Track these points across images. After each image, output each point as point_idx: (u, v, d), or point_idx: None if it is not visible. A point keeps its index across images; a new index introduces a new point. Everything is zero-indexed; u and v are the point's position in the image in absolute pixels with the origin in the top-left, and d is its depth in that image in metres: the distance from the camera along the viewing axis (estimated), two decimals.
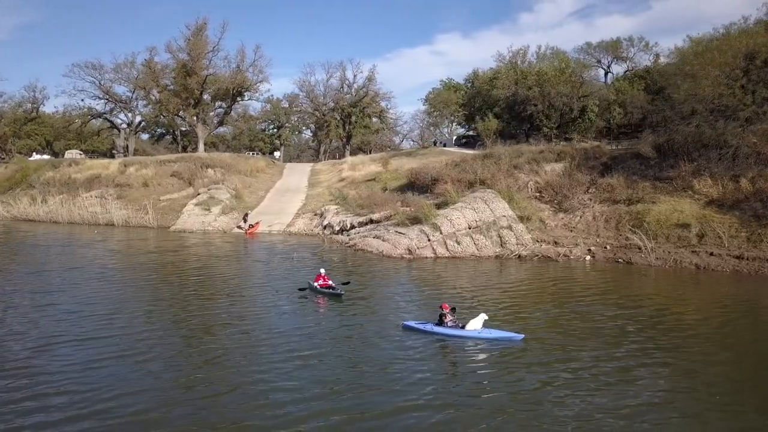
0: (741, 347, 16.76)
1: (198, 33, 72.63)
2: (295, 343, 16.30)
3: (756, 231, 29.45)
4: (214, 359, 15.07)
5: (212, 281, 26.49)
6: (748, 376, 14.51)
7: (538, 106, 56.95)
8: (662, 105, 37.97)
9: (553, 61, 61.90)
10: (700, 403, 12.61)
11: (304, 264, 30.70)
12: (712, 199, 32.48)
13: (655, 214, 32.80)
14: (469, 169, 41.07)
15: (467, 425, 11.36)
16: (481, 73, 70.31)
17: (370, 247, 35.01)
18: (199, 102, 73.63)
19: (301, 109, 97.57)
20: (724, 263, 28.58)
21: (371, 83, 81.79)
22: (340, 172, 64.37)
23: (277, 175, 67.65)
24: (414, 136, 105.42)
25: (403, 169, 53.70)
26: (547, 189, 38.61)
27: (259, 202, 54.40)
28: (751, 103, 32.18)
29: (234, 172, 61.28)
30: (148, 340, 16.54)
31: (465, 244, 33.24)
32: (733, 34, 35.89)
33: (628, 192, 35.60)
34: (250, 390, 13.01)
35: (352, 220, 41.81)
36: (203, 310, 20.36)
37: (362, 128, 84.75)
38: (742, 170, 32.77)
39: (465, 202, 35.63)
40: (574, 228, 35.34)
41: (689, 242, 30.71)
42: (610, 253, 31.96)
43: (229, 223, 47.76)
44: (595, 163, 39.49)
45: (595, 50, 66.09)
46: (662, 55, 62.31)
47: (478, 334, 16.65)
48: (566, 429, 11.21)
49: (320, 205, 50.31)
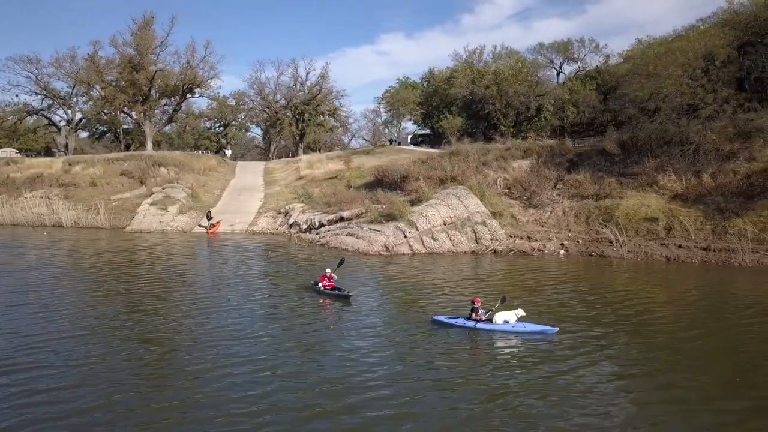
0: (706, 328, 17.73)
1: (145, 27, 69.88)
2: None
3: (720, 223, 30.74)
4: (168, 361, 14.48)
5: (184, 281, 25.54)
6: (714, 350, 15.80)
7: (495, 105, 57.85)
8: (626, 103, 39.16)
9: (508, 61, 63.03)
10: (662, 377, 13.65)
11: (282, 262, 30.04)
12: (676, 194, 33.73)
13: (623, 209, 33.77)
14: (438, 167, 41.16)
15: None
16: (437, 72, 70.80)
17: (345, 245, 34.50)
18: (147, 98, 70.84)
19: (251, 106, 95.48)
20: (692, 255, 29.69)
21: (324, 81, 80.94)
22: (296, 171, 63.52)
23: (230, 173, 66.20)
24: (365, 135, 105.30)
25: (365, 167, 53.45)
26: (516, 185, 39.17)
27: (217, 200, 52.90)
28: (712, 102, 33.66)
29: (188, 171, 59.40)
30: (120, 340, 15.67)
31: (441, 240, 33.25)
32: (692, 35, 37.46)
33: (595, 188, 36.54)
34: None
35: (321, 218, 41.11)
36: (154, 314, 19.54)
37: (316, 126, 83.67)
38: (703, 166, 34.18)
39: (438, 199, 35.66)
40: (545, 223, 35.97)
41: (658, 235, 31.77)
42: (582, 247, 32.66)
43: (188, 222, 46.15)
44: (561, 159, 40.34)
45: (548, 51, 67.75)
46: (612, 56, 64.58)
47: (512, 327, 16.59)
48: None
49: (282, 203, 49.36)
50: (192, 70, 72.29)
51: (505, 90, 57.16)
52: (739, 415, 11.71)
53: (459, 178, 38.90)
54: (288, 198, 51.11)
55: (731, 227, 30.11)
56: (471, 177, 38.84)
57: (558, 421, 11.36)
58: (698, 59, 34.64)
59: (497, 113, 58.16)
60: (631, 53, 50.71)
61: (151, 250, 35.38)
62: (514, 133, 57.15)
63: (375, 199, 39.83)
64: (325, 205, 43.94)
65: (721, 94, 33.68)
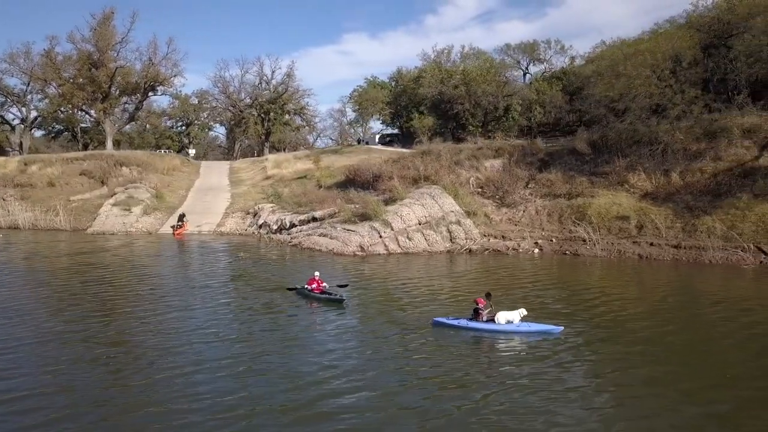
0: (680, 324, 17.84)
1: (105, 23, 67.72)
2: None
3: (690, 222, 31.31)
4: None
5: (151, 284, 24.73)
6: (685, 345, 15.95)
7: (464, 105, 58.00)
8: (593, 104, 39.70)
9: (476, 61, 63.35)
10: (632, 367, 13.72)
11: (257, 263, 29.36)
12: (646, 193, 34.26)
13: (596, 208, 34.11)
14: (411, 166, 40.95)
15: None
16: (405, 72, 70.71)
17: (318, 246, 33.93)
18: (108, 96, 68.66)
19: (214, 105, 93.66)
20: (664, 252, 30.15)
21: (291, 79, 79.99)
22: (263, 170, 62.62)
23: (194, 173, 64.89)
24: (330, 135, 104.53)
25: (335, 167, 52.95)
26: (489, 185, 39.22)
27: (182, 201, 51.59)
28: (680, 102, 34.34)
29: (151, 171, 57.88)
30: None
31: (416, 240, 33.00)
32: (660, 37, 38.18)
33: (567, 187, 36.85)
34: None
35: (292, 219, 40.39)
36: (122, 314, 19.02)
37: (282, 125, 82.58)
38: (671, 165, 34.80)
39: (413, 199, 35.42)
40: (518, 222, 36.09)
41: (630, 234, 32.18)
42: (556, 246, 32.86)
43: (154, 223, 44.84)
44: (532, 159, 40.58)
45: (514, 51, 68.36)
46: (576, 58, 65.55)
47: (517, 327, 16.34)
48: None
49: (250, 203, 48.46)
50: (154, 68, 70.41)
51: (473, 90, 57.36)
52: (720, 407, 11.76)
53: (432, 177, 38.76)
54: (256, 198, 50.24)
55: (701, 225, 30.69)
56: (444, 176, 38.75)
57: (541, 416, 11.22)
58: (666, 60, 35.33)
59: (466, 113, 58.33)
60: (600, 53, 51.48)
61: (115, 252, 34.23)
62: (482, 133, 57.40)
63: (348, 199, 39.35)
64: (296, 205, 43.25)
65: (689, 94, 34.39)
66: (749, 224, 29.69)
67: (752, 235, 29.11)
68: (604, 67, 40.65)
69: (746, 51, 35.03)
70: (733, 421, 11.21)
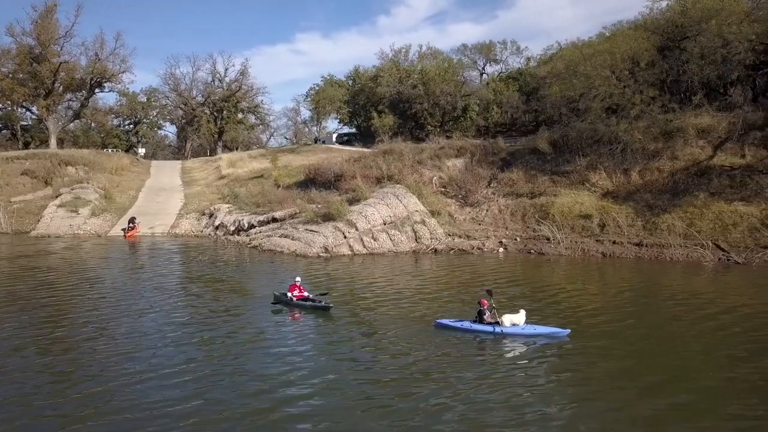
0: (642, 321, 18.04)
1: (47, 15, 64.47)
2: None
3: (650, 220, 31.81)
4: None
5: (101, 288, 23.45)
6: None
7: (423, 105, 57.84)
8: (549, 105, 40.03)
9: (434, 61, 63.34)
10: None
11: (217, 266, 28.21)
12: (607, 191, 34.68)
13: (558, 206, 34.29)
14: (373, 165, 40.35)
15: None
16: (362, 71, 70.04)
17: (280, 247, 32.93)
18: (51, 92, 65.39)
19: (164, 103, 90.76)
20: (626, 251, 30.49)
21: (245, 77, 78.20)
22: (217, 170, 61.07)
23: (145, 173, 62.80)
24: (284, 134, 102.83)
25: (293, 166, 51.92)
26: (451, 184, 39.01)
27: (133, 202, 49.60)
28: (639, 102, 34.91)
29: (99, 170, 55.41)
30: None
31: (382, 240, 32.42)
32: (619, 37, 38.79)
33: (529, 186, 36.99)
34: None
35: (250, 219, 39.20)
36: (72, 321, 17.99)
37: (236, 123, 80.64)
38: (630, 164, 35.35)
39: (377, 198, 34.83)
40: (481, 221, 35.98)
41: (593, 232, 32.47)
42: (521, 245, 32.86)
43: (103, 225, 42.78)
44: (494, 158, 40.61)
45: (471, 51, 68.65)
46: (532, 59, 66.32)
47: (522, 330, 15.94)
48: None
49: (205, 204, 46.95)
50: (101, 63, 67.49)
51: (432, 90, 57.27)
52: (680, 398, 11.93)
53: (396, 177, 38.26)
54: (211, 198, 48.77)
55: (661, 223, 31.22)
56: (408, 176, 38.32)
57: (506, 411, 11.24)
58: (625, 61, 35.87)
59: (424, 113, 58.21)
60: (559, 54, 52.15)
61: (62, 256, 32.47)
62: (440, 133, 57.37)
63: (309, 199, 38.47)
64: (254, 206, 42.05)
65: (647, 94, 35.01)
66: (707, 222, 30.37)
67: (710, 233, 29.79)
68: (562, 67, 41.06)
69: (699, 53, 35.89)
70: (692, 410, 11.41)
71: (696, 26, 36.43)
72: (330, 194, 38.06)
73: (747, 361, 14.07)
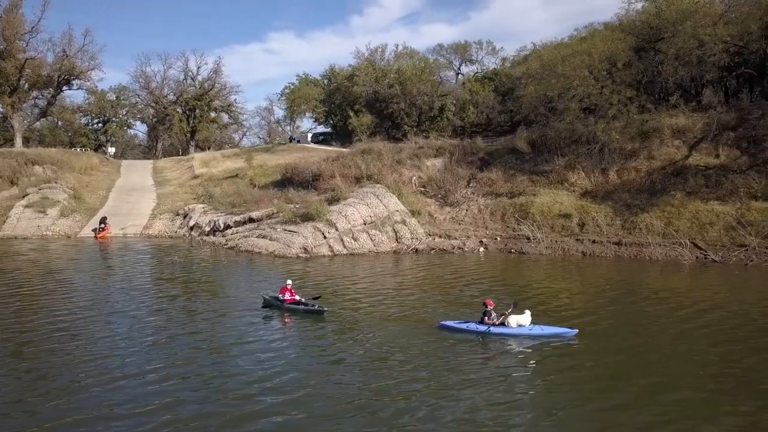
0: (620, 320, 18.15)
1: (12, 10, 62.20)
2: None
3: (629, 219, 32.03)
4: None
5: (72, 290, 22.70)
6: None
7: (399, 104, 57.61)
8: (535, 103, 40.16)
9: (410, 61, 63.19)
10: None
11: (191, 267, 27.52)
12: (586, 191, 34.85)
13: (538, 206, 34.32)
14: (352, 165, 39.90)
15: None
16: (338, 70, 69.52)
17: (258, 248, 32.30)
18: (16, 89, 63.28)
19: (135, 102, 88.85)
20: (606, 250, 30.66)
21: (218, 75, 76.97)
22: (190, 169, 59.94)
23: (115, 172, 61.27)
24: (257, 134, 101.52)
25: (269, 165, 51.20)
26: (431, 184, 38.82)
27: (103, 202, 48.25)
28: (617, 102, 35.18)
29: (67, 170, 53.64)
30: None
31: (362, 240, 32.03)
32: (596, 38, 39.08)
33: (508, 185, 37.00)
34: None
35: (226, 220, 38.42)
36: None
37: (209, 122, 79.32)
38: (608, 164, 35.60)
39: (357, 198, 34.44)
40: (461, 221, 35.84)
41: (572, 231, 32.56)
42: (501, 244, 32.82)
43: (72, 226, 41.45)
44: (473, 158, 40.55)
45: (446, 52, 68.67)
46: (508, 60, 66.60)
47: (529, 331, 15.72)
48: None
49: (179, 204, 45.95)
50: (69, 60, 65.55)
51: (408, 89, 57.07)
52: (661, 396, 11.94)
53: (375, 176, 37.90)
54: (185, 198, 47.78)
55: (639, 222, 31.44)
56: (387, 176, 38.00)
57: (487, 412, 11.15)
58: (602, 61, 36.11)
59: (401, 113, 57.97)
60: (534, 54, 52.41)
61: (30, 257, 31.33)
62: (416, 133, 57.21)
63: (287, 199, 37.83)
64: (229, 206, 41.27)
65: (625, 94, 35.30)
66: (684, 221, 30.68)
67: (688, 231, 30.10)
68: (538, 67, 41.26)
69: (675, 54, 36.31)
70: (681, 406, 11.44)
71: (671, 28, 36.79)
72: (308, 194, 37.53)
73: (729, 357, 14.22)
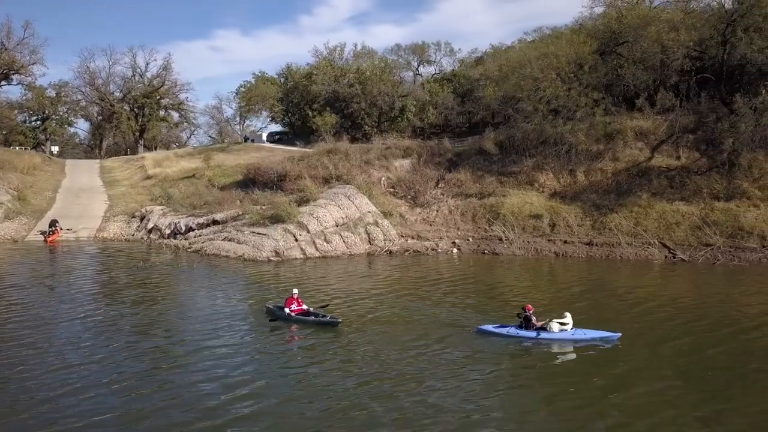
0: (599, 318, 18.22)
1: None
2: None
3: (598, 219, 32.48)
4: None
5: (21, 297, 21.49)
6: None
7: (360, 104, 56.96)
8: (501, 104, 40.35)
9: (369, 60, 62.63)
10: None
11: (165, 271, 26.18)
12: (555, 192, 35.17)
13: (508, 207, 34.38)
14: (319, 165, 39.01)
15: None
16: (295, 69, 68.19)
17: (225, 251, 31.07)
18: None
19: (77, 99, 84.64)
20: (578, 250, 30.97)
21: (168, 72, 74.29)
22: (142, 169, 57.57)
23: (59, 172, 58.55)
24: (207, 132, 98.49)
25: (227, 165, 49.66)
26: (400, 184, 38.39)
27: (51, 203, 45.71)
28: (584, 105, 35.67)
29: (8, 170, 50.58)
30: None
31: (335, 243, 31.28)
32: (563, 41, 39.53)
33: (477, 186, 36.96)
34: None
35: (188, 222, 36.87)
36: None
37: (159, 121, 76.44)
38: (575, 165, 36.06)
39: (327, 198, 33.64)
40: (432, 222, 35.58)
41: (544, 232, 32.76)
42: (474, 245, 32.70)
43: (18, 229, 38.99)
44: (441, 159, 40.38)
45: (405, 52, 68.39)
46: (465, 62, 66.89)
47: (572, 335, 15.38)
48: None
49: (134, 205, 43.93)
50: (8, 54, 61.96)
51: (369, 89, 56.50)
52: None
53: (344, 177, 37.14)
54: (139, 200, 45.75)
55: (609, 222, 31.93)
56: (356, 176, 37.32)
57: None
58: (569, 64, 36.57)
59: (361, 112, 57.33)
60: (495, 54, 52.92)
61: None
62: (376, 133, 56.70)
63: (252, 200, 36.62)
64: (190, 207, 39.74)
65: (591, 96, 35.84)
66: (652, 221, 31.34)
67: (656, 231, 30.76)
68: (498, 69, 41.61)
69: (639, 57, 37.18)
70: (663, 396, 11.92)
71: (632, 32, 37.63)
72: (274, 195, 36.40)
73: (701, 350, 14.99)
